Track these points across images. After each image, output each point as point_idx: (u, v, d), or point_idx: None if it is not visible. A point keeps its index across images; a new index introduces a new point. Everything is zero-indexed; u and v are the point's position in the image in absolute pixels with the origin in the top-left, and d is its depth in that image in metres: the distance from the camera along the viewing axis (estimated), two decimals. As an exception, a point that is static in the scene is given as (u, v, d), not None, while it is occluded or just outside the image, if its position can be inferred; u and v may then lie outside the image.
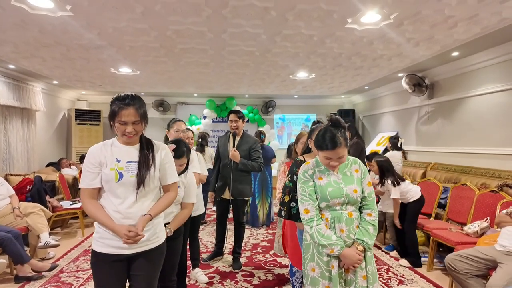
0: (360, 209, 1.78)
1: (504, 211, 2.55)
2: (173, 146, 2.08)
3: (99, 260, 1.61)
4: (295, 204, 2.05)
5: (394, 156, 5.01)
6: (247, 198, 3.47)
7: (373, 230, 1.72)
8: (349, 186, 1.72)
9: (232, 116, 3.35)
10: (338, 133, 1.67)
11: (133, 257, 1.63)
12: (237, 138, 3.39)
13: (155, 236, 1.68)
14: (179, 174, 2.10)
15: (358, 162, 1.81)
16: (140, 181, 1.59)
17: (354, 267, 1.67)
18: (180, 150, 2.12)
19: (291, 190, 2.08)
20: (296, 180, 2.03)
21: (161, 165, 1.70)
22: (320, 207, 1.74)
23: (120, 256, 1.60)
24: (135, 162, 1.62)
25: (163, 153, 1.73)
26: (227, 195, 3.37)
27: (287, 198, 2.09)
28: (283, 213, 2.12)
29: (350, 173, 1.77)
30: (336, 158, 1.68)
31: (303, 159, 2.12)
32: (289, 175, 2.11)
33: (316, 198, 1.74)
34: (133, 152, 1.65)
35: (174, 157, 1.98)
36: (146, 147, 1.67)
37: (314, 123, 2.31)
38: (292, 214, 2.08)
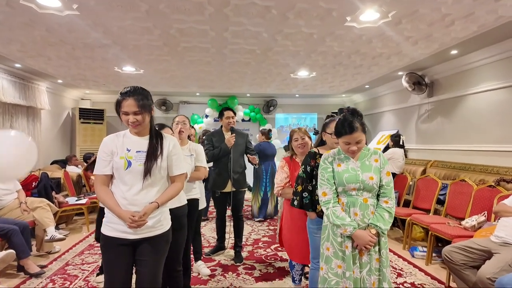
0: (378, 197, 1.87)
1: (507, 200, 2.58)
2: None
3: (107, 243, 1.71)
4: (307, 194, 2.13)
5: (395, 153, 5.08)
6: (245, 189, 3.63)
7: (388, 216, 1.81)
8: (366, 174, 1.82)
9: (229, 113, 3.49)
10: (355, 119, 1.81)
11: (137, 243, 1.71)
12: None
13: (159, 223, 1.76)
14: None
15: (379, 153, 1.91)
16: (147, 170, 1.69)
17: (366, 248, 1.77)
18: (161, 124, 2.35)
19: (304, 180, 2.15)
20: (309, 171, 2.14)
21: (169, 157, 1.80)
22: (338, 192, 1.87)
23: (125, 241, 1.68)
24: (144, 152, 1.72)
25: (171, 145, 1.82)
26: (228, 188, 3.46)
27: (299, 188, 2.16)
28: (295, 202, 2.19)
29: (369, 162, 1.87)
30: (354, 142, 1.79)
31: (317, 151, 2.19)
32: (303, 166, 2.18)
33: (334, 183, 1.86)
34: (143, 143, 1.75)
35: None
36: (155, 139, 1.78)
37: (328, 117, 2.39)
38: (304, 203, 2.15)
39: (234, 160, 3.41)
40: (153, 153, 1.73)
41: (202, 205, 3.06)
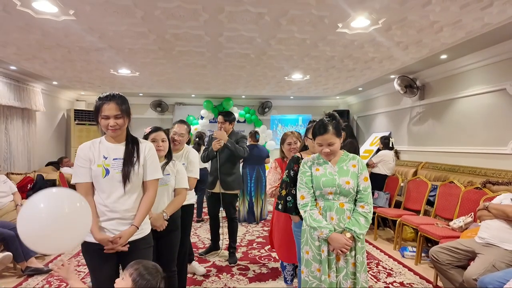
0: (356, 203, 1.92)
1: (482, 205, 2.70)
2: (149, 127, 2.27)
3: (88, 249, 1.72)
4: (291, 198, 2.20)
5: (386, 155, 5.18)
6: (236, 192, 3.64)
7: (364, 221, 1.85)
8: (343, 178, 1.87)
9: (219, 118, 3.56)
10: (330, 122, 1.86)
11: None
12: None
13: (139, 229, 1.76)
14: (166, 164, 2.23)
15: (357, 159, 1.97)
16: (125, 177, 1.69)
17: (342, 252, 1.81)
18: (156, 126, 2.29)
19: (287, 184, 2.22)
20: (293, 175, 2.20)
21: (144, 161, 1.78)
22: (316, 196, 1.91)
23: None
24: (121, 159, 1.72)
25: (147, 150, 1.81)
26: (217, 189, 3.55)
27: (284, 192, 2.23)
28: (280, 206, 2.26)
29: (346, 167, 1.92)
30: (326, 144, 1.84)
31: (300, 156, 2.27)
32: (287, 171, 2.25)
33: (312, 186, 1.91)
34: (119, 149, 1.75)
35: (151, 131, 2.19)
36: (131, 145, 1.77)
37: (310, 122, 2.47)
38: (288, 207, 2.21)
39: (221, 162, 3.51)
40: (129, 159, 1.72)
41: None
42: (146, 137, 2.26)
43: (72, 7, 2.76)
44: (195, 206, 5.49)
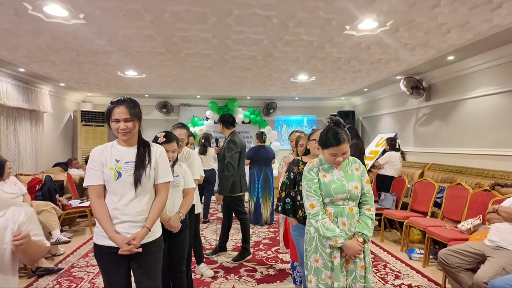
0: (360, 205, 1.93)
1: (491, 208, 2.69)
2: (163, 133, 2.22)
3: (101, 252, 1.75)
4: (289, 200, 2.21)
5: (392, 157, 5.17)
6: (235, 195, 3.67)
7: (371, 223, 1.89)
8: (351, 183, 1.87)
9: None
10: (341, 130, 1.85)
11: None
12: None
13: (150, 231, 1.78)
14: (173, 165, 2.24)
15: (358, 162, 1.98)
16: (137, 180, 1.72)
17: (355, 257, 1.82)
18: (170, 136, 2.26)
19: (287, 187, 2.23)
20: (293, 177, 2.21)
21: (156, 164, 1.82)
22: (324, 203, 1.89)
23: (118, 249, 1.70)
24: (133, 162, 1.75)
25: (158, 153, 1.85)
26: None
27: (283, 194, 2.25)
28: (279, 208, 2.28)
29: (351, 171, 1.92)
30: (341, 154, 1.83)
31: (300, 159, 2.29)
32: (287, 173, 2.27)
33: (320, 194, 1.87)
34: (131, 153, 1.78)
35: (164, 142, 2.14)
36: (143, 148, 1.80)
37: (313, 130, 2.49)
38: (286, 209, 2.23)
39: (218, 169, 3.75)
40: (141, 162, 1.75)
41: (197, 209, 3.11)
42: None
43: (83, 11, 2.80)
44: (202, 207, 5.58)
